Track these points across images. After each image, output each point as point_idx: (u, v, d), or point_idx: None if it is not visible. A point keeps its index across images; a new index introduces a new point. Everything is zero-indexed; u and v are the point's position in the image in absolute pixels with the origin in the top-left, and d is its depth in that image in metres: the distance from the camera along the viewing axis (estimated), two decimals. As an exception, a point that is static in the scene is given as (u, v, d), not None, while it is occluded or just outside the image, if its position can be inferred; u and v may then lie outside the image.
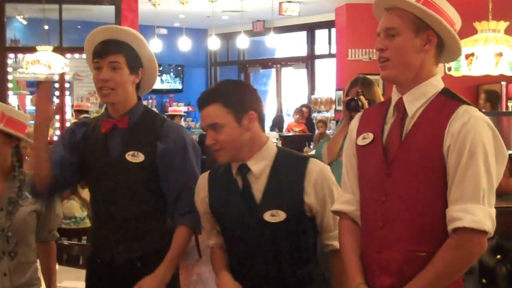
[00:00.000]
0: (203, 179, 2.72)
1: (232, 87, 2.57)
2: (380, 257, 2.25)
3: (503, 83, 9.98)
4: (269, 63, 16.44)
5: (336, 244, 2.58)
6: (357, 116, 2.52)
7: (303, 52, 15.13)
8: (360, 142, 2.38)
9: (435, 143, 2.17)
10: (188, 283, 6.79)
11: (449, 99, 2.25)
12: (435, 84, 2.30)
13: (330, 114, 11.87)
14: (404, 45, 2.26)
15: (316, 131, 11.38)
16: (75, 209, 5.51)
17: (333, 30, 13.41)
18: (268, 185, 2.55)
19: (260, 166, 2.57)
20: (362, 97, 4.10)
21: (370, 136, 2.35)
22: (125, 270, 2.90)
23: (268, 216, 2.52)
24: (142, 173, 2.83)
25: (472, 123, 2.13)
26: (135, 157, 2.83)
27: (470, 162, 2.10)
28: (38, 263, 3.31)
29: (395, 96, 2.34)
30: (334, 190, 2.59)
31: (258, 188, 2.56)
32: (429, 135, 2.19)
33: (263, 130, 2.65)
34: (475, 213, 2.08)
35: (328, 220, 2.60)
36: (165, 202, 2.95)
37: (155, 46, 12.59)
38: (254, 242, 2.57)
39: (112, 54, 2.81)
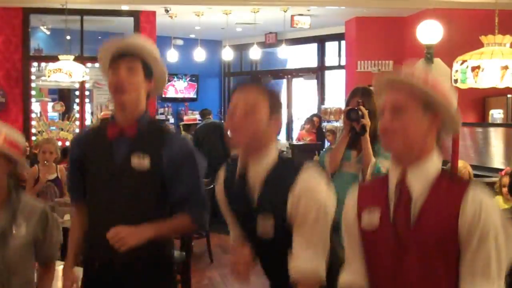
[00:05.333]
0: None
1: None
2: None
3: (509, 95, 9.89)
4: (280, 73, 16.36)
5: None
6: (353, 195, 2.36)
7: (313, 63, 15.05)
8: (367, 226, 2.25)
9: (448, 229, 2.09)
10: (199, 286, 6.71)
11: (453, 183, 2.17)
12: (436, 162, 2.21)
13: (339, 123, 11.79)
14: (412, 123, 2.16)
15: (326, 140, 11.30)
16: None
17: (343, 42, 13.35)
18: None
19: None
20: (362, 107, 4.03)
21: (376, 216, 2.22)
22: (124, 272, 2.82)
23: None
24: (147, 179, 2.76)
25: (483, 208, 2.07)
26: (141, 164, 2.75)
27: (482, 245, 2.06)
28: None
29: (394, 173, 2.23)
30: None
31: None
32: (441, 221, 2.10)
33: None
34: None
35: None
36: (166, 209, 2.87)
37: (171, 56, 12.57)
38: None
39: (130, 57, 2.77)
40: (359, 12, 11.58)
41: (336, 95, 13.73)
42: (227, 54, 13.12)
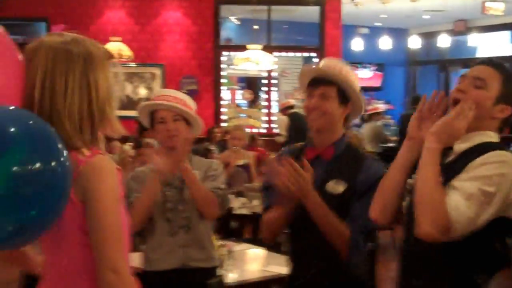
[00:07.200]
0: None
1: None
2: None
3: None
4: (470, 63, 15.69)
5: None
6: None
7: (505, 52, 14.29)
8: None
9: None
10: (385, 278, 6.61)
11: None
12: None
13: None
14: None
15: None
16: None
17: (540, 30, 12.56)
18: None
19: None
20: None
21: None
22: None
23: None
24: (341, 203, 2.75)
25: None
26: (335, 188, 2.77)
27: None
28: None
29: None
30: None
31: None
32: None
33: None
34: None
35: None
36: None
37: (356, 45, 12.52)
38: None
39: (325, 84, 2.81)
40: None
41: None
42: (414, 42, 12.83)
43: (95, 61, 1.87)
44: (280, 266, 3.59)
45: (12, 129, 1.63)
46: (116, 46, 9.79)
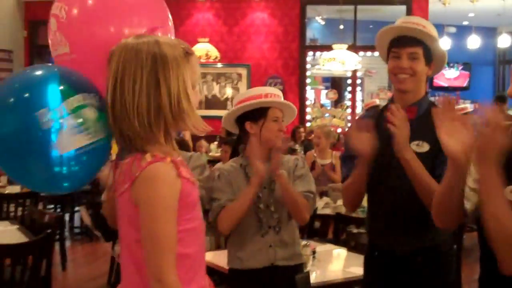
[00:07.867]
0: None
1: None
2: None
3: None
4: (562, 61, 15.13)
5: None
6: None
7: None
8: None
9: None
10: (470, 281, 6.47)
11: None
12: None
13: None
14: None
15: None
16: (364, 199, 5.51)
17: None
18: None
19: None
20: None
21: None
22: (405, 263, 2.80)
23: None
24: (426, 163, 2.69)
25: None
26: (420, 146, 2.74)
27: None
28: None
29: None
30: None
31: None
32: None
33: None
34: None
35: None
36: None
37: (443, 44, 12.22)
38: None
39: (412, 46, 2.78)
40: None
41: None
42: (504, 41, 12.44)
43: (167, 60, 1.83)
44: (362, 267, 3.57)
45: None
46: (204, 47, 9.96)
